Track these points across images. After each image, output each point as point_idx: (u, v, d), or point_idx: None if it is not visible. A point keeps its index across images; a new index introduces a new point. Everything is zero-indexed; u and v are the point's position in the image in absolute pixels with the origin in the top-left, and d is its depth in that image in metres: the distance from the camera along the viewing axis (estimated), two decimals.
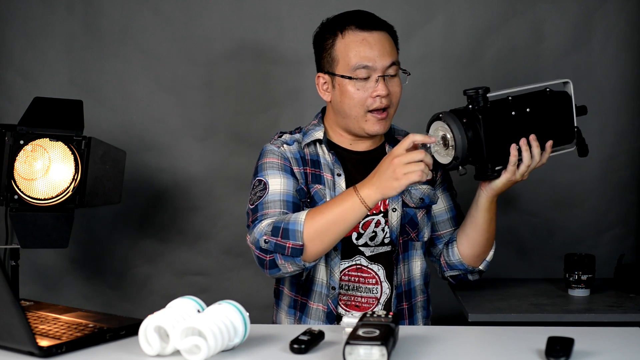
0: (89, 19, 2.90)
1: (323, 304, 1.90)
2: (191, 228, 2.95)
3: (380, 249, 1.93)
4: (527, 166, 1.77)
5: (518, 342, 1.46)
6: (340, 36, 1.89)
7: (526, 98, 1.80)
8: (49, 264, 2.94)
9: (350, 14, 1.93)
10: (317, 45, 1.96)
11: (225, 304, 1.40)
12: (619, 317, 2.15)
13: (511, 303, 2.26)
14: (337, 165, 1.93)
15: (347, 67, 1.87)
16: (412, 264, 1.98)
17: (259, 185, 1.87)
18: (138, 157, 2.88)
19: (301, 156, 1.93)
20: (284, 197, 1.84)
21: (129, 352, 1.40)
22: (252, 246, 1.79)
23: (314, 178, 1.92)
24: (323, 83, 1.95)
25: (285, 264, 1.75)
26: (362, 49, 1.87)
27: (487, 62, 2.89)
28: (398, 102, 1.94)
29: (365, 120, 1.89)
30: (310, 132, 1.98)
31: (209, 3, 2.89)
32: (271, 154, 1.92)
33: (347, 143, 1.97)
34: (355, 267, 1.93)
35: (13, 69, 2.90)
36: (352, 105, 1.88)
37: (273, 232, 1.74)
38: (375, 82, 1.87)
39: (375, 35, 1.90)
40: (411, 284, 1.98)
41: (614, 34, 2.86)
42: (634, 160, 2.91)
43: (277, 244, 1.73)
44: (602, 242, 2.90)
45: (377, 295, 1.93)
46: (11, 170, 2.27)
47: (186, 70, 2.91)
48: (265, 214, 1.81)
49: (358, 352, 1.28)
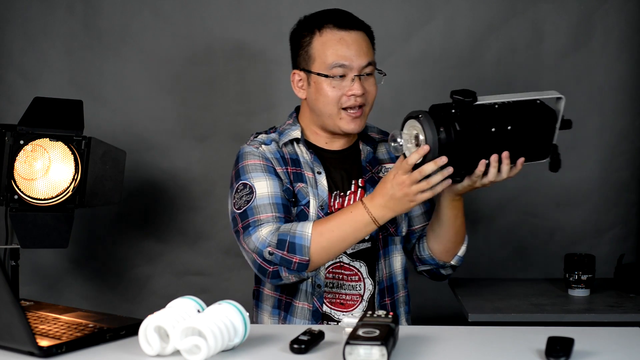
0: (89, 19, 2.90)
1: (309, 302, 1.90)
2: (191, 228, 2.95)
3: (360, 246, 1.94)
4: (490, 181, 1.72)
5: (518, 342, 1.45)
6: (318, 34, 1.90)
7: (512, 111, 1.71)
8: (49, 264, 2.94)
9: (329, 13, 1.93)
10: (294, 42, 1.97)
11: (225, 304, 1.40)
12: (619, 317, 2.15)
13: (511, 303, 2.26)
14: (317, 164, 1.94)
15: (323, 65, 1.88)
16: (393, 259, 1.99)
17: (245, 188, 1.86)
18: (138, 157, 2.88)
19: (281, 155, 1.93)
20: (273, 199, 1.84)
21: (129, 352, 1.40)
22: (254, 254, 1.78)
23: (295, 177, 1.91)
24: (298, 80, 1.96)
25: (289, 276, 1.78)
26: (339, 48, 1.88)
27: (487, 62, 2.89)
28: (373, 101, 1.94)
29: (340, 118, 1.89)
30: (287, 131, 1.97)
31: (209, 3, 2.89)
32: (251, 156, 1.91)
33: (323, 142, 1.98)
34: (338, 265, 1.93)
35: (13, 69, 2.90)
36: (326, 102, 1.89)
37: (279, 245, 1.74)
38: (351, 81, 1.88)
39: (353, 34, 1.90)
40: (393, 279, 1.99)
41: (614, 34, 2.86)
42: (634, 160, 2.91)
43: (283, 258, 1.74)
44: (602, 242, 2.90)
45: (360, 292, 1.94)
46: (11, 170, 2.27)
47: (186, 70, 2.91)
48: (258, 219, 1.80)
49: (358, 352, 1.28)
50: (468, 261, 2.90)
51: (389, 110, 2.78)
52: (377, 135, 2.06)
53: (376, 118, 2.17)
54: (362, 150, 2.00)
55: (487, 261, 2.94)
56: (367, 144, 2.02)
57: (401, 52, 2.90)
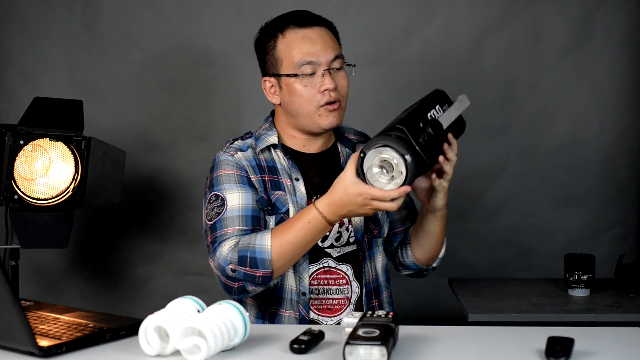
0: (89, 19, 2.90)
1: (295, 310, 1.87)
2: (191, 228, 2.95)
3: (346, 249, 1.93)
4: (452, 166, 1.75)
5: (518, 342, 1.45)
6: (281, 36, 1.88)
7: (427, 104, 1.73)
8: (49, 264, 2.94)
9: (288, 15, 1.92)
10: (259, 49, 1.95)
11: (225, 304, 1.40)
12: (619, 317, 2.15)
13: (511, 303, 2.26)
14: (294, 170, 1.91)
15: (291, 65, 1.86)
16: (376, 261, 1.98)
17: (216, 200, 1.84)
18: (138, 157, 2.88)
19: (257, 163, 1.90)
20: (243, 212, 1.82)
21: (129, 352, 1.40)
22: (218, 272, 1.77)
23: (273, 185, 1.89)
24: (270, 87, 1.93)
25: (255, 289, 1.78)
26: (304, 45, 1.86)
27: (487, 62, 2.89)
28: (347, 95, 1.91)
29: (319, 115, 1.87)
30: (263, 137, 1.94)
31: (209, 3, 2.89)
32: (226, 165, 1.89)
33: (301, 145, 1.95)
34: (323, 270, 1.91)
35: (13, 69, 2.91)
36: (302, 103, 1.87)
37: (240, 261, 1.73)
38: (322, 77, 1.85)
39: (316, 30, 1.88)
40: (377, 280, 1.98)
41: (614, 34, 2.86)
42: (634, 161, 2.91)
43: (246, 274, 1.74)
44: (602, 242, 2.90)
45: (347, 295, 1.92)
46: (11, 170, 2.27)
47: (186, 70, 2.91)
48: (224, 233, 1.79)
49: (358, 352, 1.28)
50: (468, 261, 2.92)
51: (389, 110, 2.77)
52: (355, 136, 2.04)
53: (376, 118, 2.18)
54: (341, 152, 1.99)
55: (487, 261, 2.94)
56: (346, 146, 2.00)
57: (401, 52, 2.90)
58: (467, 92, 3.00)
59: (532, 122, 2.90)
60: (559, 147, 2.91)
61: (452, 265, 2.79)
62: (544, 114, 2.89)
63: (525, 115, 2.90)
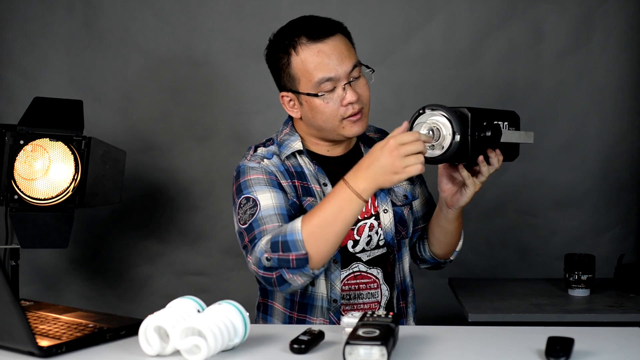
0: (89, 19, 2.90)
1: (325, 317, 1.85)
2: (191, 228, 2.95)
3: (376, 252, 1.91)
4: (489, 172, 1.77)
5: (518, 342, 1.45)
6: (294, 53, 1.82)
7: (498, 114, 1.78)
8: (49, 264, 2.95)
9: (297, 24, 1.85)
10: (273, 65, 1.88)
11: (225, 304, 1.40)
12: (619, 317, 2.15)
13: (511, 303, 2.26)
14: (322, 175, 1.88)
15: (309, 84, 1.80)
16: (404, 262, 1.98)
17: (247, 202, 1.78)
18: (138, 157, 2.89)
19: (285, 168, 1.86)
20: (279, 210, 1.76)
21: (129, 352, 1.40)
22: (255, 268, 1.71)
23: (304, 191, 1.85)
24: (289, 101, 1.88)
25: (293, 277, 1.68)
26: (320, 62, 1.79)
27: (487, 62, 2.89)
28: (369, 101, 1.86)
29: (343, 127, 1.83)
30: (287, 143, 1.90)
31: (209, 3, 2.89)
32: (253, 170, 1.83)
33: (325, 150, 1.92)
34: (354, 275, 1.89)
35: (13, 69, 2.91)
36: (325, 119, 1.82)
37: (272, 247, 1.67)
38: (343, 91, 1.80)
39: (329, 42, 1.81)
40: (405, 281, 1.98)
41: (614, 34, 2.86)
42: (634, 161, 2.91)
43: (280, 259, 1.66)
44: (602, 242, 2.90)
45: (378, 299, 1.91)
46: (11, 170, 2.27)
47: (186, 70, 2.91)
48: (264, 230, 1.73)
49: (358, 352, 1.28)
50: (468, 261, 2.92)
51: (389, 110, 2.79)
52: (375, 134, 2.04)
53: (376, 118, 2.17)
54: (365, 152, 1.97)
55: (487, 261, 2.94)
56: (369, 145, 1.99)
57: (401, 52, 2.90)
58: (467, 92, 3.01)
59: (532, 122, 2.90)
60: (559, 147, 2.91)
61: (452, 265, 2.78)
62: (544, 114, 2.89)
63: (525, 115, 2.89)
